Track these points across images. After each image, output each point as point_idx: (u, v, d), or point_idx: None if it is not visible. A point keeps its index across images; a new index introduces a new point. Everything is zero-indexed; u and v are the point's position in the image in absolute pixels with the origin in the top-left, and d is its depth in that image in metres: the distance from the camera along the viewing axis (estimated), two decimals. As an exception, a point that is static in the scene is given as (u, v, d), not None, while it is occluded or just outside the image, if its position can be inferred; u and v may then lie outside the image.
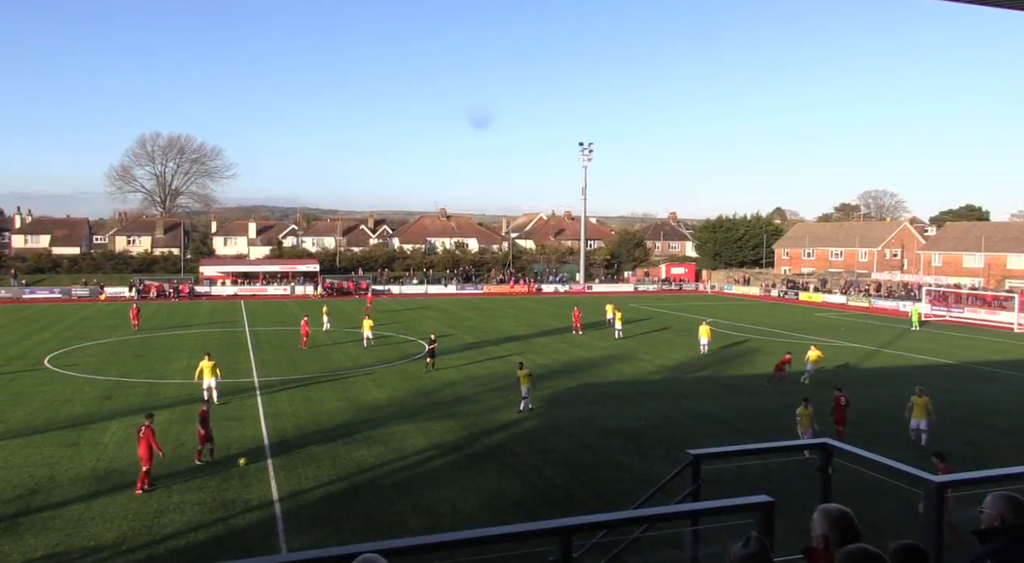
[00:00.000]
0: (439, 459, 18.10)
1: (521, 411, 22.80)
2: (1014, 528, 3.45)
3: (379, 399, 24.65)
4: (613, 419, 22.00)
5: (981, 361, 34.28)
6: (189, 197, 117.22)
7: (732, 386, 27.39)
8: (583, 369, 30.93)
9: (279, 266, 79.12)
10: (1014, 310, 49.60)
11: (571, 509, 14.44)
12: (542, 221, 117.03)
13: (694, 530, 6.04)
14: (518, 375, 23.58)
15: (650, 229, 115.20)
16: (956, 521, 7.78)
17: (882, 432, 20.71)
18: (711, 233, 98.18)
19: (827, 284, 73.67)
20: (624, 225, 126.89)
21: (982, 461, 17.63)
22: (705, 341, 35.92)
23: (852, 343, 39.88)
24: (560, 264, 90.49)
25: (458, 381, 27.91)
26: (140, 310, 46.40)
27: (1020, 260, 69.92)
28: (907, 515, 13.64)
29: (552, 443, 19.43)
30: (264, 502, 14.94)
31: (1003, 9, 4.34)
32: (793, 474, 14.64)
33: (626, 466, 17.63)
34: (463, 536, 4.43)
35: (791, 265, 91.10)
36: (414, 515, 14.32)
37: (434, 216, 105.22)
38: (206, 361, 24.06)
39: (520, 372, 23.50)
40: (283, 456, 18.07)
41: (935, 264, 77.17)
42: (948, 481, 5.66)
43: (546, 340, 39.76)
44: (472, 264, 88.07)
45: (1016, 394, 26.60)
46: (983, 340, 42.55)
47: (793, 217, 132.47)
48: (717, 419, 22.29)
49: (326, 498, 15.23)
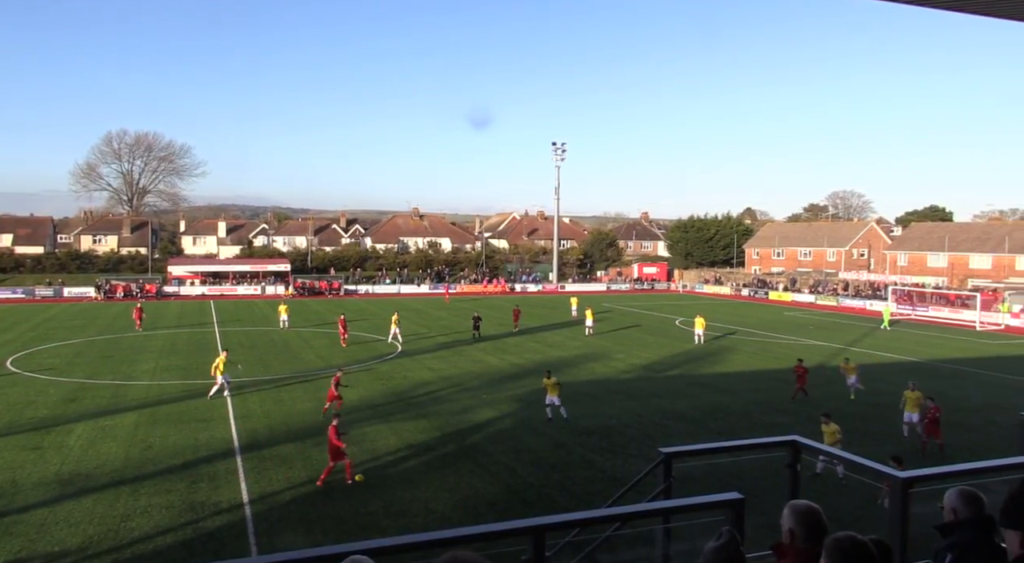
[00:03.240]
0: (412, 459, 18.04)
1: (551, 419, 21.50)
2: (970, 521, 3.54)
3: (351, 400, 24.45)
4: (586, 418, 22.08)
5: (945, 359, 35.02)
6: (157, 196, 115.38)
7: (704, 385, 27.65)
8: (556, 368, 30.92)
9: (250, 266, 78.21)
10: (976, 309, 50.75)
11: (544, 508, 14.47)
12: (515, 221, 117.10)
13: (666, 527, 6.10)
14: (545, 384, 22.10)
15: (623, 229, 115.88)
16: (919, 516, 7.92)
17: (850, 429, 21.02)
18: (683, 233, 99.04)
19: (796, 283, 74.71)
20: (597, 225, 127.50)
21: (946, 456, 18.03)
22: (700, 332, 37.95)
23: (821, 342, 40.50)
24: (533, 264, 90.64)
25: (431, 381, 27.82)
26: (143, 310, 45.13)
27: (982, 260, 71.57)
28: (873, 510, 13.90)
29: (525, 442, 19.45)
30: (234, 504, 14.76)
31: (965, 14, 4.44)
32: (763, 471, 14.81)
33: (599, 465, 17.71)
34: (436, 536, 4.43)
35: (761, 265, 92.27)
36: (387, 516, 14.24)
37: (407, 215, 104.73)
38: (223, 357, 24.65)
39: (547, 381, 22.03)
40: (253, 458, 17.86)
41: (901, 264, 78.69)
42: (913, 477, 5.78)
43: (519, 339, 39.80)
44: (445, 264, 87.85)
45: (978, 391, 27.22)
46: (947, 338, 43.47)
47: (763, 217, 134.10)
48: (689, 417, 22.48)
49: (297, 500, 15.09)
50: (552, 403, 21.74)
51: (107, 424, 20.91)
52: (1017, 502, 2.57)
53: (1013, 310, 51.29)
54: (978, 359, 35.23)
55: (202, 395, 24.80)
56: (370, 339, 39.22)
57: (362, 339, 39.00)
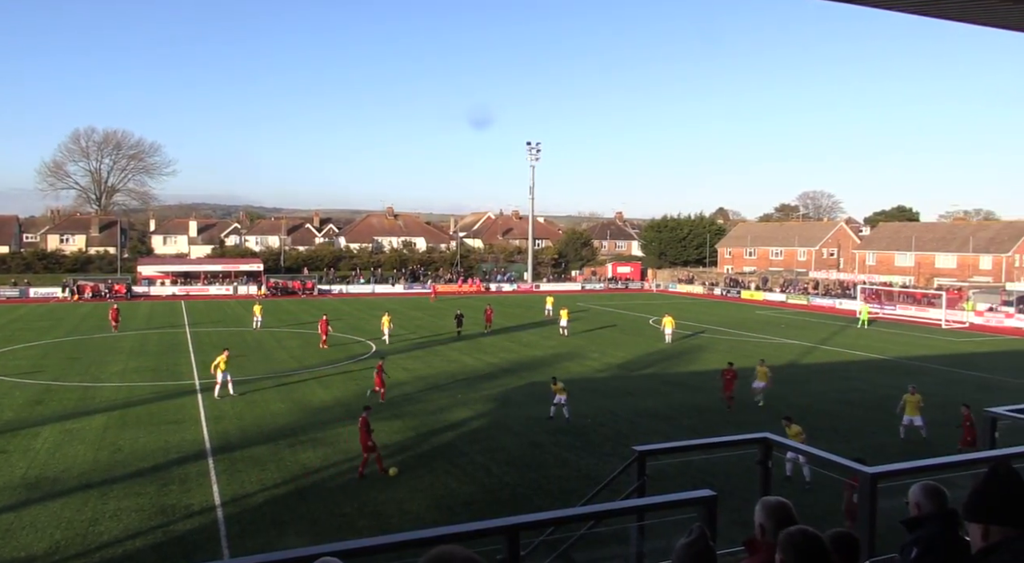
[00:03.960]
0: (386, 460, 17.92)
1: (551, 418, 21.81)
2: (934, 516, 3.61)
3: (325, 400, 24.30)
4: (561, 417, 22.13)
5: (912, 356, 35.66)
6: (126, 194, 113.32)
7: (677, 383, 27.86)
8: (531, 367, 31.07)
9: (221, 265, 77.21)
10: (942, 307, 51.75)
11: (519, 507, 14.49)
12: (490, 220, 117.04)
13: (640, 525, 6.14)
14: (553, 390, 22.24)
15: (597, 228, 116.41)
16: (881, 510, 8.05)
17: (820, 426, 21.34)
18: (656, 233, 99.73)
19: (767, 282, 75.60)
20: (571, 224, 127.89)
21: (913, 452, 18.36)
22: (669, 331, 38.23)
23: (791, 340, 41.03)
24: (508, 263, 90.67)
25: (406, 381, 27.70)
26: (120, 311, 44.06)
27: (947, 259, 73.07)
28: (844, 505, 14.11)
29: (500, 442, 19.45)
30: (206, 507, 14.57)
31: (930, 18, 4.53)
32: (735, 468, 14.99)
33: (573, 463, 17.77)
34: (411, 537, 4.42)
35: (733, 264, 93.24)
36: (361, 517, 14.16)
37: (381, 215, 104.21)
38: (225, 355, 24.50)
39: (555, 387, 22.21)
40: (225, 460, 17.65)
41: (869, 263, 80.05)
42: (880, 472, 5.88)
43: (494, 339, 39.78)
44: (420, 263, 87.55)
45: (943, 387, 27.75)
46: (914, 336, 44.28)
47: (735, 217, 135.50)
48: (662, 416, 22.65)
49: (270, 501, 14.94)
50: (559, 402, 22.03)
51: (75, 427, 20.52)
52: (980, 496, 2.62)
53: (977, 308, 52.40)
54: (943, 356, 35.92)
55: (173, 396, 24.46)
56: (345, 339, 38.96)
57: (336, 340, 38.71)
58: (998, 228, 74.45)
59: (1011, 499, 2.55)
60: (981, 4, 3.80)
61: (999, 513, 2.55)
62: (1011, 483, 2.59)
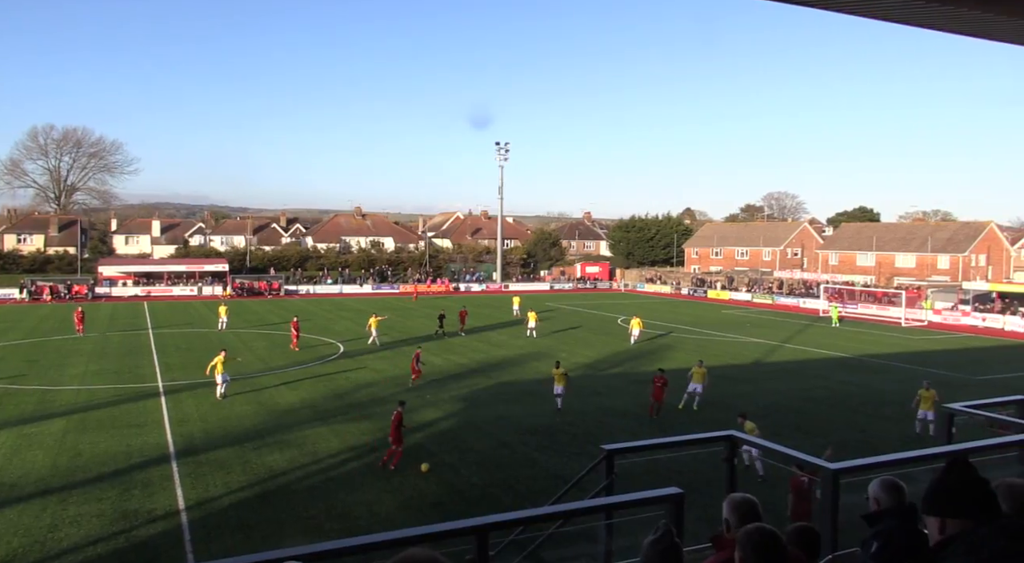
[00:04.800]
0: (354, 461, 17.81)
1: (559, 410, 22.78)
2: (893, 510, 3.69)
3: (292, 402, 24.03)
4: (529, 417, 22.19)
5: (873, 354, 36.40)
6: (86, 193, 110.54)
7: (645, 382, 27.98)
8: (500, 367, 31.08)
9: (185, 266, 75.86)
10: (901, 306, 52.92)
11: (488, 508, 14.48)
12: (459, 220, 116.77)
13: (608, 524, 6.17)
14: (554, 374, 23.38)
15: (565, 229, 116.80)
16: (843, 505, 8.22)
17: (785, 422, 21.69)
18: (624, 233, 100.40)
19: (733, 282, 76.56)
20: (540, 224, 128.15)
21: (874, 448, 18.73)
22: (636, 332, 38.35)
23: (757, 339, 41.62)
24: (477, 263, 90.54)
25: (374, 382, 27.52)
26: (85, 314, 42.69)
27: (907, 259, 74.74)
28: (807, 501, 14.35)
29: (469, 442, 19.42)
30: (169, 512, 14.31)
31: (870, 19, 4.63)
32: (702, 466, 15.15)
33: (542, 463, 17.81)
34: (379, 539, 4.39)
35: (700, 264, 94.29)
36: (329, 519, 14.03)
37: (349, 215, 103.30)
38: (222, 356, 24.51)
39: (556, 371, 23.35)
40: (190, 463, 17.36)
41: (832, 262, 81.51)
42: (842, 468, 5.99)
43: (463, 340, 39.71)
44: (388, 263, 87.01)
45: (903, 384, 28.35)
46: (875, 334, 45.21)
47: (702, 217, 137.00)
48: (630, 414, 22.80)
49: (236, 505, 14.73)
50: (559, 393, 23.00)
51: (33, 431, 20.01)
52: (937, 490, 2.69)
53: (935, 307, 53.68)
54: (903, 354, 36.74)
55: (135, 399, 23.99)
56: (313, 341, 38.56)
57: (304, 341, 38.29)
58: (955, 228, 76.34)
59: (967, 493, 2.62)
60: (917, 6, 3.89)
61: (955, 507, 2.62)
62: (967, 477, 2.66)
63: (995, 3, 3.95)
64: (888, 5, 4.02)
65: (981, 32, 4.66)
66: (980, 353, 37.77)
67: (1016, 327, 47.75)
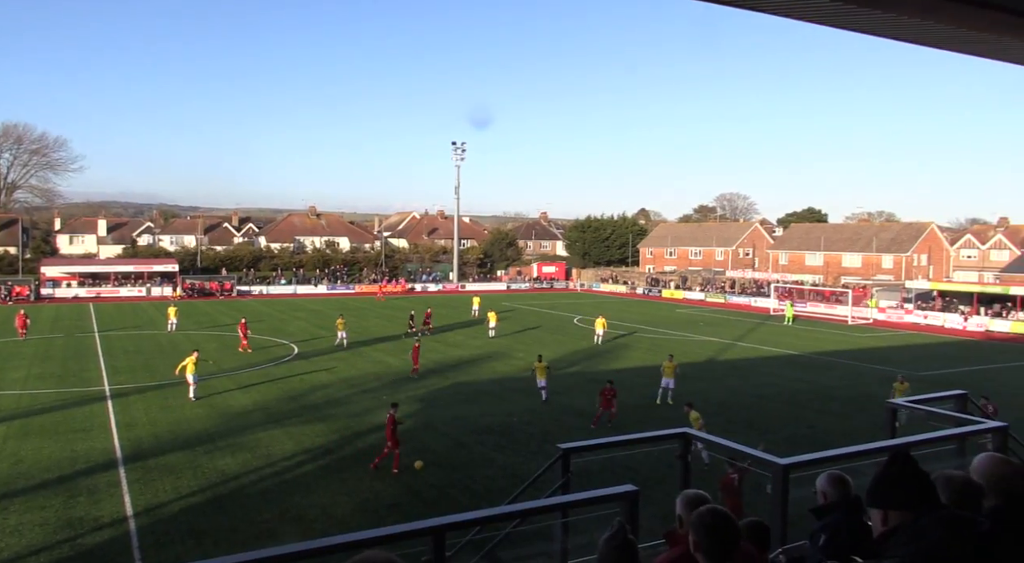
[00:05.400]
0: (309, 464, 17.58)
1: (546, 401, 24.11)
2: (839, 503, 3.81)
3: (245, 404, 23.59)
4: (486, 416, 22.19)
5: (821, 351, 37.36)
6: (28, 191, 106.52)
7: (601, 381, 28.14)
8: (457, 368, 31.01)
9: (133, 266, 73.77)
10: (848, 305, 54.43)
11: (445, 508, 14.44)
12: (415, 220, 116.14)
13: (564, 522, 6.21)
14: (536, 367, 24.74)
15: (522, 228, 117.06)
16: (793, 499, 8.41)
17: (737, 419, 22.12)
18: (580, 233, 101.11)
19: (687, 281, 77.73)
20: (497, 224, 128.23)
21: (822, 442, 19.23)
22: (600, 332, 38.56)
23: (710, 337, 42.34)
24: (434, 263, 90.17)
25: (329, 383, 27.20)
26: (28, 316, 40.69)
27: (853, 258, 76.88)
28: (762, 497, 14.66)
29: (426, 443, 19.34)
30: (116, 519, 13.92)
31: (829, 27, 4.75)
32: (657, 463, 15.36)
33: (500, 463, 17.83)
34: (335, 541, 4.33)
35: (655, 263, 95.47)
36: (283, 523, 13.82)
37: (303, 214, 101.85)
38: (194, 357, 24.50)
39: (538, 365, 24.70)
40: (138, 468, 16.91)
41: (782, 262, 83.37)
42: (791, 463, 6.13)
43: (422, 340, 39.45)
44: (343, 263, 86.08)
45: (848, 380, 29.20)
46: (823, 332, 46.39)
47: (656, 218, 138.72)
48: (587, 413, 22.96)
49: (186, 510, 14.40)
50: (542, 386, 24.32)
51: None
52: (879, 483, 2.78)
53: (880, 305, 55.34)
54: (850, 351, 37.80)
55: (80, 404, 23.27)
56: (266, 342, 37.93)
57: (257, 342, 37.65)
58: (899, 229, 78.81)
59: (908, 485, 2.71)
60: (833, 8, 3.99)
61: (897, 498, 2.70)
62: (908, 471, 2.75)
63: (908, 8, 4.06)
64: (809, 7, 4.11)
65: (914, 38, 4.81)
66: (922, 350, 39.08)
67: (955, 324, 49.53)
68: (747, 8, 4.07)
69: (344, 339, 36.25)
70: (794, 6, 4.13)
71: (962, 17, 4.32)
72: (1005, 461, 3.28)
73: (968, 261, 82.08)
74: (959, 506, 2.89)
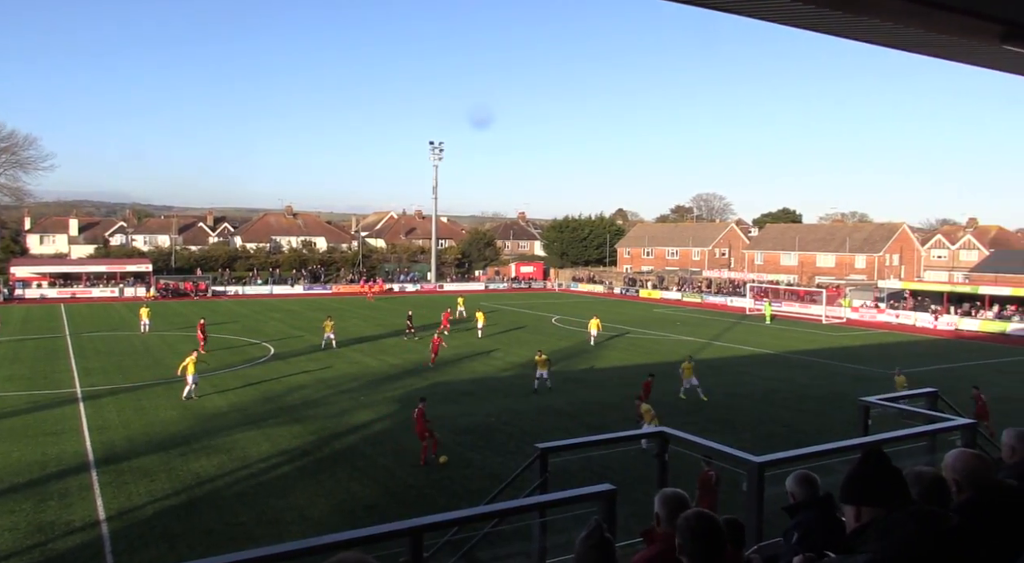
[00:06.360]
0: (286, 466, 17.44)
1: (536, 390, 25.45)
2: (810, 501, 3.86)
3: (220, 406, 23.34)
4: (464, 417, 22.16)
5: (796, 350, 37.78)
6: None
7: (579, 380, 28.40)
8: (435, 368, 30.93)
9: (106, 266, 72.63)
10: (822, 304, 55.11)
11: (423, 509, 14.38)
12: (393, 219, 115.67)
13: (542, 522, 6.23)
14: (537, 360, 26.10)
15: (500, 228, 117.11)
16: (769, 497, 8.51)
17: (713, 418, 22.29)
18: (558, 233, 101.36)
19: (664, 281, 78.23)
20: (475, 224, 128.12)
21: (797, 441, 19.45)
22: (594, 333, 38.37)
23: (687, 337, 42.63)
24: (411, 263, 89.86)
25: (306, 384, 27.00)
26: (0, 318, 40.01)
27: (827, 259, 77.89)
28: (739, 495, 14.79)
29: (404, 443, 19.26)
30: (88, 523, 13.70)
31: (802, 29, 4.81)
32: (634, 463, 15.45)
33: (477, 463, 17.82)
34: (311, 544, 4.31)
35: (632, 263, 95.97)
36: (259, 526, 13.69)
37: (279, 214, 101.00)
38: (193, 356, 24.84)
39: (539, 358, 26.06)
40: (111, 471, 16.66)
41: (758, 262, 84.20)
42: (767, 461, 6.20)
43: (397, 340, 39.35)
44: (320, 263, 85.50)
45: (822, 379, 29.56)
46: (798, 331, 46.92)
47: (634, 218, 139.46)
48: (564, 413, 23.03)
49: (160, 514, 14.22)
50: (541, 376, 25.66)
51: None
52: (852, 480, 2.83)
53: (853, 305, 56.11)
54: (824, 350, 38.27)
55: (51, 406, 22.87)
56: (241, 343, 37.55)
57: (233, 343, 37.28)
58: (871, 230, 79.99)
59: (880, 482, 2.75)
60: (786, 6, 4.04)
61: (869, 495, 2.75)
62: (880, 467, 2.80)
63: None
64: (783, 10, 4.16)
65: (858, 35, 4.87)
66: (894, 348, 39.67)
67: (926, 323, 50.34)
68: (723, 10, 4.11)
69: (332, 340, 35.99)
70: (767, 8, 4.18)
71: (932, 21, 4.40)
72: (976, 456, 3.38)
73: (938, 261, 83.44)
74: (929, 501, 2.95)
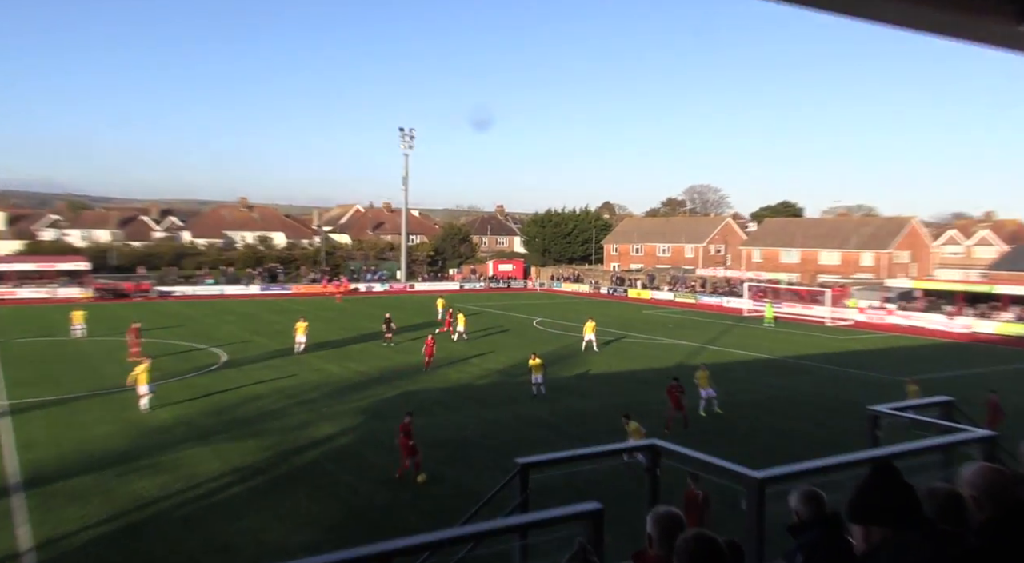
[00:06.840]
0: (238, 485, 17.25)
1: (535, 396, 26.18)
2: (815, 520, 3.85)
3: (165, 419, 23.05)
4: (437, 429, 22.08)
5: (797, 355, 38.12)
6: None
7: (561, 388, 28.40)
8: (405, 376, 30.80)
9: (36, 264, 71.51)
10: (826, 305, 55.63)
11: (391, 531, 14.29)
12: (359, 213, 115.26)
13: (523, 544, 6.19)
14: (531, 365, 26.77)
15: (477, 223, 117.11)
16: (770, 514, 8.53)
17: (708, 430, 22.41)
18: (540, 227, 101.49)
19: (655, 280, 78.60)
20: (449, 218, 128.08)
21: (798, 454, 19.58)
22: (590, 337, 38.08)
23: (680, 340, 42.84)
24: (379, 260, 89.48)
25: (262, 395, 26.75)
26: None
27: (831, 256, 78.53)
28: (737, 513, 14.87)
29: (369, 459, 19.16)
30: (11, 554, 13.43)
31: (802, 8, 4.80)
32: (623, 478, 15.47)
33: (451, 479, 17.76)
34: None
35: (620, 261, 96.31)
36: (207, 553, 13.53)
37: (233, 206, 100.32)
38: (146, 365, 24.71)
39: (533, 362, 26.77)
40: (39, 494, 16.36)
41: (755, 259, 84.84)
42: (768, 476, 6.20)
43: (364, 345, 39.15)
44: (279, 261, 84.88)
45: (826, 386, 29.85)
46: (799, 334, 47.35)
47: (622, 211, 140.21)
48: (547, 424, 23.03)
49: (95, 541, 13.99)
50: (536, 382, 26.36)
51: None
52: (860, 497, 2.80)
53: (860, 305, 56.71)
54: (828, 355, 38.64)
55: (-27, 421, 22.44)
56: (188, 348, 37.13)
57: (179, 348, 36.84)
58: (879, 224, 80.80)
59: (891, 499, 2.73)
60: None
61: (879, 513, 2.73)
62: (891, 483, 2.77)
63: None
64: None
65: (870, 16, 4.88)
66: (905, 353, 40.18)
67: (939, 325, 50.98)
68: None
69: (303, 345, 35.89)
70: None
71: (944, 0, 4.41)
72: (997, 470, 3.29)
73: (952, 258, 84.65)
74: (944, 521, 2.93)
